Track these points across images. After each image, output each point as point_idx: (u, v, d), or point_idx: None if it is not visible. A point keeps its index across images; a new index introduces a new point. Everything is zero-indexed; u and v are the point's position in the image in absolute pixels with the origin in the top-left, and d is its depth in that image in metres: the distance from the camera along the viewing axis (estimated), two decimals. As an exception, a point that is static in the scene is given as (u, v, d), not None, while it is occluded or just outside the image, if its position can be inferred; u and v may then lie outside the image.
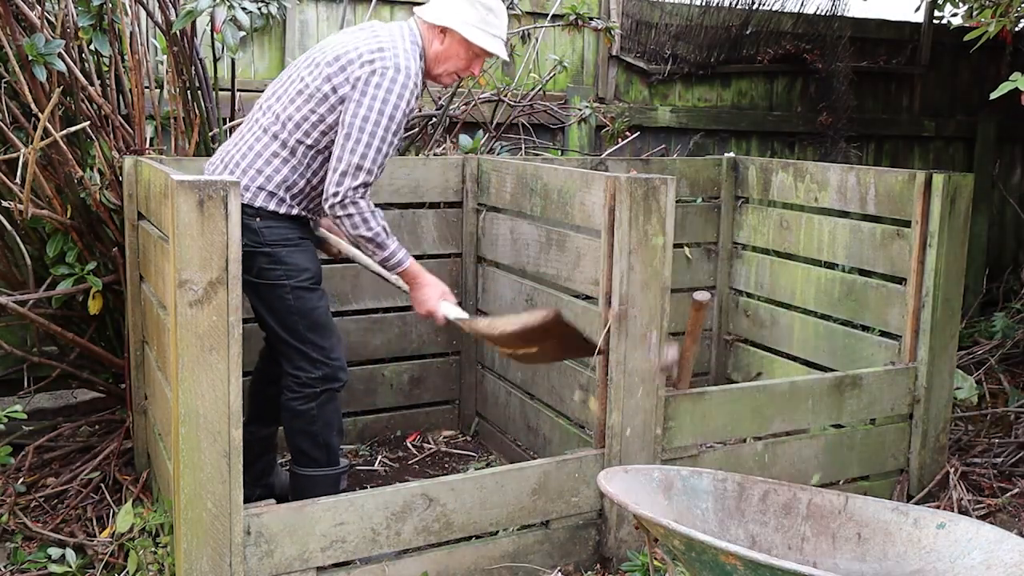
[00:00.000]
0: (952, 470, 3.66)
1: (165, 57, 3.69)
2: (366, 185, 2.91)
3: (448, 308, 3.15)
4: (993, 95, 3.40)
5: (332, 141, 2.97)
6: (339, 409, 3.11)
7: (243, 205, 2.82)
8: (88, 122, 3.46)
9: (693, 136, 5.74)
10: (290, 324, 2.99)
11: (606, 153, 4.97)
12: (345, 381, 3.08)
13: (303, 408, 3.01)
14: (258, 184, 2.96)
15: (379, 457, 3.93)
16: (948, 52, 6.45)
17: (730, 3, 5.73)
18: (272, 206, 2.97)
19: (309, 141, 2.97)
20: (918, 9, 6.32)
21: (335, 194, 2.90)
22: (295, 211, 3.01)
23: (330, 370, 3.02)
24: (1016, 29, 5.95)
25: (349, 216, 2.92)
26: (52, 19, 3.44)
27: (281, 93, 3.04)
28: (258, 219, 2.94)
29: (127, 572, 2.94)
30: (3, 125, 3.39)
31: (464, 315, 3.16)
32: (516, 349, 3.03)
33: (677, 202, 4.35)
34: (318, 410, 3.02)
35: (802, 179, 4.13)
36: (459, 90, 4.57)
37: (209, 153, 3.77)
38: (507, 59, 3.17)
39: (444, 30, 3.07)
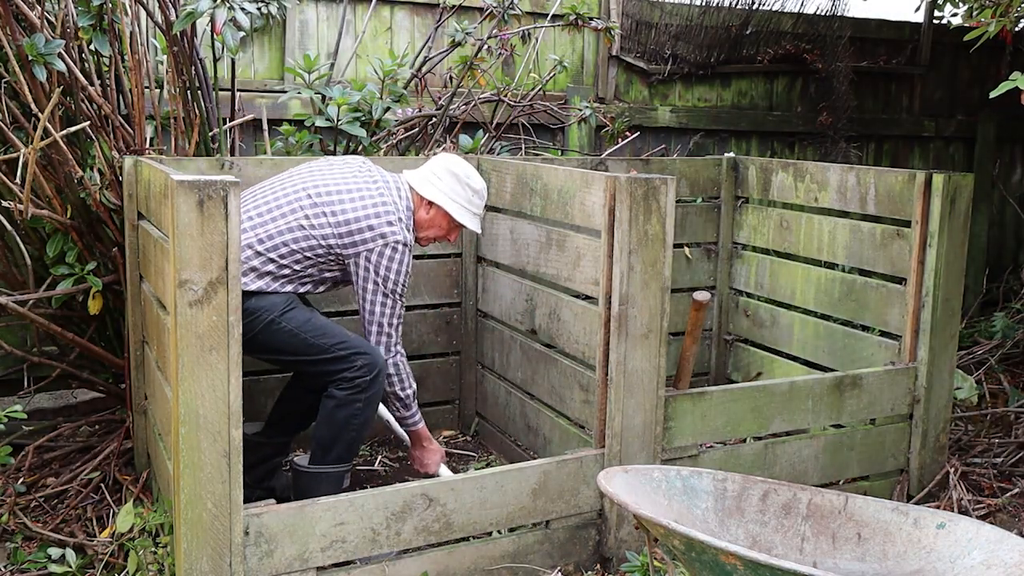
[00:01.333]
0: (952, 470, 3.66)
1: (165, 57, 3.69)
2: (398, 346, 3.22)
3: (442, 470, 3.42)
4: (993, 94, 3.40)
5: (321, 268, 3.10)
6: (375, 417, 3.18)
7: None
8: (88, 122, 3.46)
9: (693, 136, 5.74)
10: (301, 343, 3.03)
11: (606, 153, 4.97)
12: (385, 362, 3.14)
13: (352, 397, 3.05)
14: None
15: (379, 457, 3.93)
16: (948, 52, 6.46)
17: (730, 3, 5.73)
18: (253, 288, 3.04)
19: (298, 267, 3.07)
20: (918, 9, 6.32)
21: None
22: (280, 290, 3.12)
23: (369, 356, 3.07)
24: (1016, 29, 5.95)
25: (388, 376, 3.19)
26: (52, 19, 3.44)
27: (277, 216, 3.07)
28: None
29: (127, 572, 2.94)
30: (3, 125, 3.39)
31: (450, 474, 3.35)
32: None
33: (677, 202, 4.37)
34: (365, 405, 3.06)
35: (802, 179, 4.13)
36: (459, 90, 4.58)
37: (209, 153, 3.78)
38: (478, 231, 3.44)
39: (432, 203, 3.26)
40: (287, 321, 3.02)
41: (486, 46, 4.43)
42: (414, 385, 3.30)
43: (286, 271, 3.05)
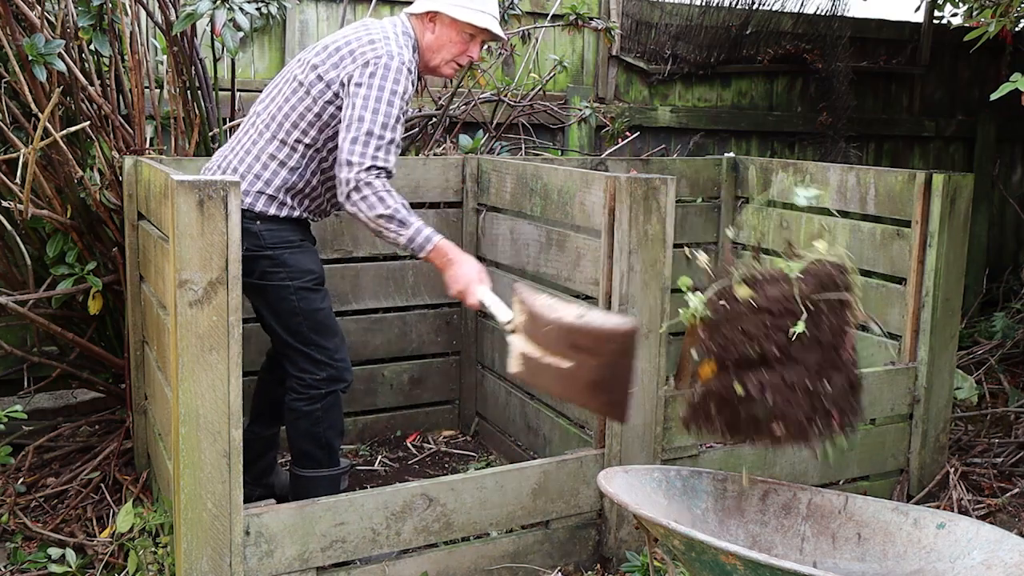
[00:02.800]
0: (952, 470, 3.66)
1: (165, 57, 3.69)
2: (378, 169, 2.80)
3: (485, 293, 2.83)
4: (993, 96, 3.40)
5: (329, 138, 2.95)
6: (342, 411, 3.11)
7: (243, 210, 2.81)
8: (88, 122, 3.46)
9: (693, 136, 5.74)
10: (294, 326, 2.98)
11: (606, 153, 4.97)
12: (350, 382, 3.08)
13: (308, 409, 3.01)
14: (257, 188, 2.94)
15: (379, 457, 3.93)
16: (948, 52, 6.45)
17: (730, 3, 5.73)
18: (272, 210, 2.95)
19: (307, 140, 2.95)
20: (918, 9, 6.32)
21: (346, 181, 2.79)
22: (296, 213, 3.00)
23: (335, 371, 3.01)
24: (1016, 29, 5.96)
25: (364, 198, 2.78)
26: (52, 19, 3.44)
27: (276, 94, 3.03)
28: (258, 222, 2.93)
29: (127, 572, 2.94)
30: (3, 125, 3.39)
31: (499, 301, 2.80)
32: (549, 354, 2.52)
33: (677, 202, 4.35)
34: (323, 412, 3.01)
35: (802, 179, 4.13)
36: (459, 90, 4.58)
37: (209, 153, 3.78)
38: (501, 35, 3.08)
39: (432, 17, 3.03)
40: (299, 299, 2.95)
41: (486, 46, 4.43)
42: (401, 200, 2.83)
43: (298, 150, 2.92)
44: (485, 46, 3.53)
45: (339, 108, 2.92)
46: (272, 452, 3.40)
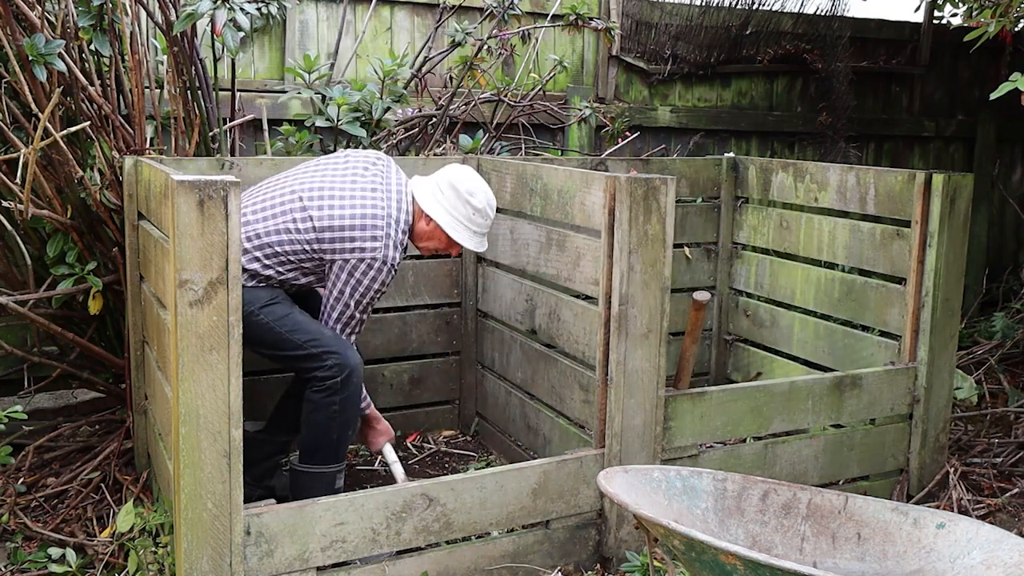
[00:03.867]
0: (952, 470, 3.66)
1: (165, 57, 3.69)
2: (353, 340, 3.20)
3: (388, 449, 3.43)
4: (993, 95, 3.40)
5: (303, 271, 3.10)
6: (357, 413, 3.16)
7: None
8: (88, 122, 3.46)
9: (693, 136, 5.74)
10: (276, 338, 3.04)
11: (606, 153, 4.97)
12: (359, 362, 3.12)
13: (326, 400, 3.04)
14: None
15: (379, 457, 3.93)
16: (948, 52, 6.45)
17: (730, 3, 5.73)
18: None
19: (283, 268, 3.08)
20: (918, 9, 6.32)
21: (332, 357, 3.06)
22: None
23: (338, 355, 3.04)
24: (1016, 29, 5.96)
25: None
26: (52, 19, 3.44)
27: (269, 212, 3.08)
28: None
29: (127, 572, 2.94)
30: (3, 125, 3.39)
31: (399, 468, 3.38)
32: None
33: (677, 202, 4.37)
34: (340, 407, 3.05)
35: (802, 179, 4.13)
36: (459, 90, 4.58)
37: (209, 153, 3.78)
38: (482, 251, 3.33)
39: (432, 217, 3.19)
40: (265, 315, 3.02)
41: (486, 46, 4.43)
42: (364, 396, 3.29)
43: (269, 271, 3.06)
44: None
45: (323, 266, 3.10)
46: (279, 456, 3.44)
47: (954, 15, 6.54)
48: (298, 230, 3.04)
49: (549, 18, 4.92)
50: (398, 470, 3.38)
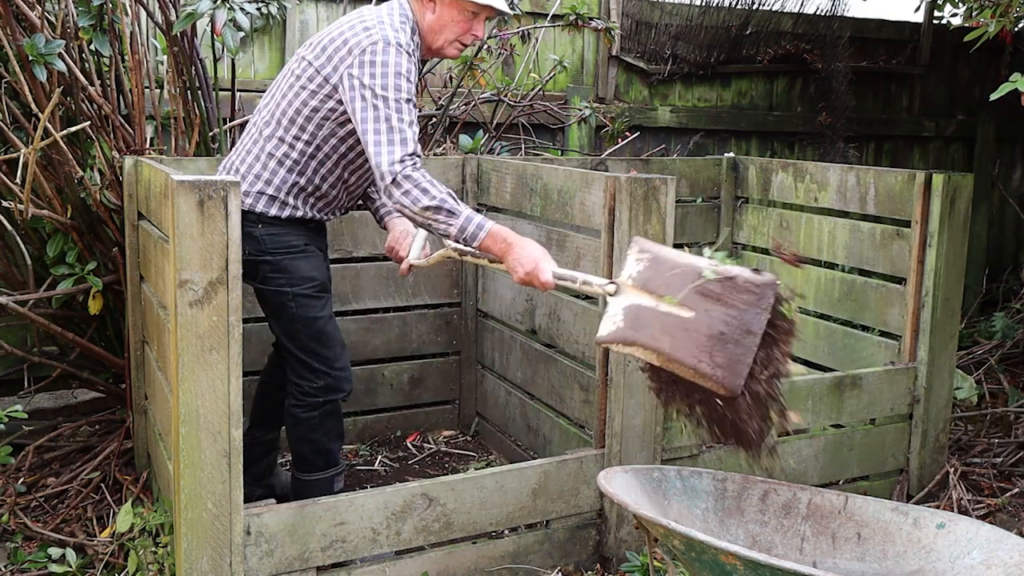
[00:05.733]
0: (952, 470, 3.66)
1: (165, 57, 3.69)
2: (411, 155, 2.68)
3: (556, 269, 2.66)
4: (993, 96, 3.40)
5: (331, 134, 2.87)
6: (341, 417, 3.10)
7: (244, 212, 2.78)
8: (88, 122, 3.47)
9: (693, 136, 5.74)
10: (292, 332, 2.96)
11: (606, 153, 4.97)
12: (348, 391, 3.05)
13: (305, 416, 2.99)
14: (257, 189, 2.89)
15: (379, 457, 3.93)
16: (948, 52, 6.46)
17: (730, 3, 5.73)
18: (273, 211, 2.90)
19: (305, 136, 2.87)
20: (918, 9, 6.32)
21: (382, 177, 2.67)
22: (300, 213, 2.94)
23: (333, 380, 2.99)
24: (1016, 29, 5.95)
25: (407, 193, 2.65)
26: (52, 19, 3.44)
27: (275, 91, 2.98)
28: (260, 226, 2.89)
29: (127, 572, 2.94)
30: (3, 125, 3.39)
31: (577, 273, 2.65)
32: (668, 304, 2.28)
33: (677, 202, 4.35)
34: (319, 419, 3.00)
35: (802, 179, 4.13)
36: (459, 90, 4.58)
37: (209, 153, 3.78)
38: (506, 10, 2.93)
39: None
40: (297, 305, 2.91)
41: (486, 46, 4.43)
42: (446, 189, 2.70)
43: (297, 148, 2.85)
44: (488, 34, 3.40)
45: (339, 102, 2.82)
46: (272, 454, 3.40)
47: (954, 15, 6.54)
48: (297, 76, 2.85)
49: (549, 18, 4.92)
50: (593, 280, 2.60)
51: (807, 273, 4.16)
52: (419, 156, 2.72)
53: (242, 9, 3.30)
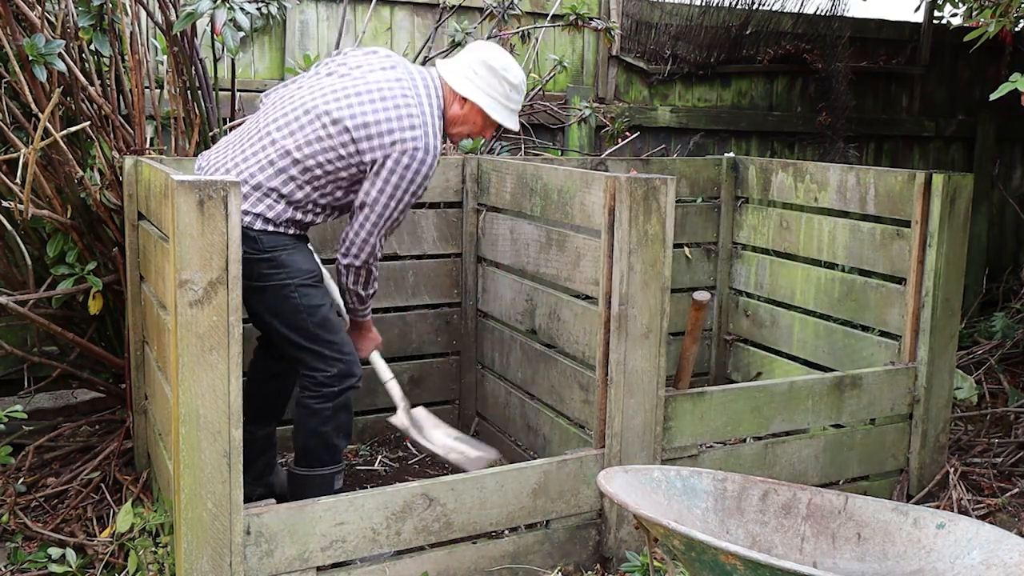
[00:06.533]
0: (952, 470, 3.66)
1: (165, 57, 3.69)
2: (380, 250, 3.08)
3: (376, 356, 3.41)
4: (993, 96, 3.40)
5: (336, 188, 2.98)
6: (352, 414, 3.12)
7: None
8: (88, 122, 3.47)
9: (693, 136, 5.74)
10: (298, 323, 2.97)
11: (606, 153, 4.97)
12: (360, 376, 3.08)
13: (319, 407, 3.00)
14: (256, 211, 2.92)
15: (379, 457, 3.93)
16: (948, 52, 6.46)
17: (730, 3, 5.73)
18: (270, 228, 2.95)
19: (316, 183, 2.95)
20: (918, 9, 6.32)
21: (353, 255, 3.04)
22: (292, 231, 3.01)
23: (345, 366, 3.02)
24: (1016, 29, 5.96)
25: (358, 274, 3.09)
26: (52, 19, 3.44)
27: (295, 126, 2.95)
28: (255, 228, 2.93)
29: (127, 572, 2.94)
30: (3, 125, 3.39)
31: (396, 391, 3.39)
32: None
33: (677, 202, 4.36)
34: (334, 411, 3.02)
35: (802, 179, 4.13)
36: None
37: (209, 153, 3.77)
38: (516, 128, 3.24)
39: (467, 99, 3.10)
40: (300, 296, 2.94)
41: (487, 34, 4.43)
42: (376, 287, 3.22)
43: (303, 191, 2.93)
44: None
45: (362, 173, 2.96)
46: (270, 451, 3.39)
47: (954, 15, 6.55)
48: (330, 135, 2.91)
49: (549, 18, 4.92)
50: (394, 388, 3.35)
51: (807, 273, 4.16)
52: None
53: (242, 9, 3.30)
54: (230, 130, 3.99)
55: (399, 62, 3.10)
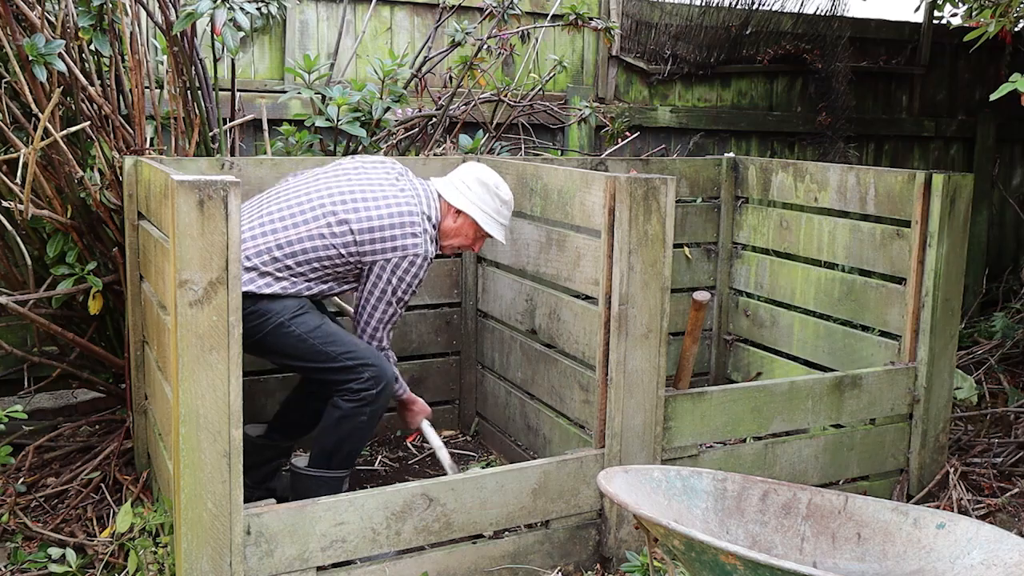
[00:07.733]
0: (952, 470, 3.66)
1: (165, 57, 3.69)
2: (389, 339, 3.27)
3: (426, 426, 3.49)
4: (993, 97, 3.40)
5: (332, 280, 3.11)
6: (375, 428, 3.18)
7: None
8: (88, 122, 3.46)
9: (693, 136, 5.74)
10: (309, 349, 3.02)
11: (606, 153, 4.97)
12: (393, 373, 3.15)
13: (357, 410, 3.04)
14: (251, 289, 2.98)
15: (379, 457, 3.93)
16: (948, 52, 6.46)
17: (730, 3, 5.73)
18: (266, 292, 3.04)
19: (315, 275, 3.07)
20: (918, 9, 6.32)
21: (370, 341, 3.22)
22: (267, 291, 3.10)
23: (375, 367, 3.06)
24: (1016, 29, 5.96)
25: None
26: (52, 19, 3.44)
27: (298, 219, 3.05)
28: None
29: (127, 572, 2.94)
30: (3, 125, 3.39)
31: (447, 459, 3.42)
32: None
33: (677, 202, 4.37)
34: (367, 420, 3.06)
35: (802, 179, 4.13)
36: (459, 90, 4.58)
37: (209, 153, 3.78)
38: (503, 240, 3.40)
39: (460, 212, 3.25)
40: (296, 326, 3.01)
41: (486, 46, 4.43)
42: (396, 370, 3.30)
43: (300, 278, 3.05)
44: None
45: (360, 270, 3.12)
46: (281, 459, 3.44)
47: (954, 15, 6.55)
48: (333, 234, 3.04)
49: (549, 18, 4.92)
50: (444, 456, 3.41)
51: (807, 273, 4.16)
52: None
53: (242, 9, 3.30)
54: (230, 131, 4.00)
55: (404, 172, 3.29)
